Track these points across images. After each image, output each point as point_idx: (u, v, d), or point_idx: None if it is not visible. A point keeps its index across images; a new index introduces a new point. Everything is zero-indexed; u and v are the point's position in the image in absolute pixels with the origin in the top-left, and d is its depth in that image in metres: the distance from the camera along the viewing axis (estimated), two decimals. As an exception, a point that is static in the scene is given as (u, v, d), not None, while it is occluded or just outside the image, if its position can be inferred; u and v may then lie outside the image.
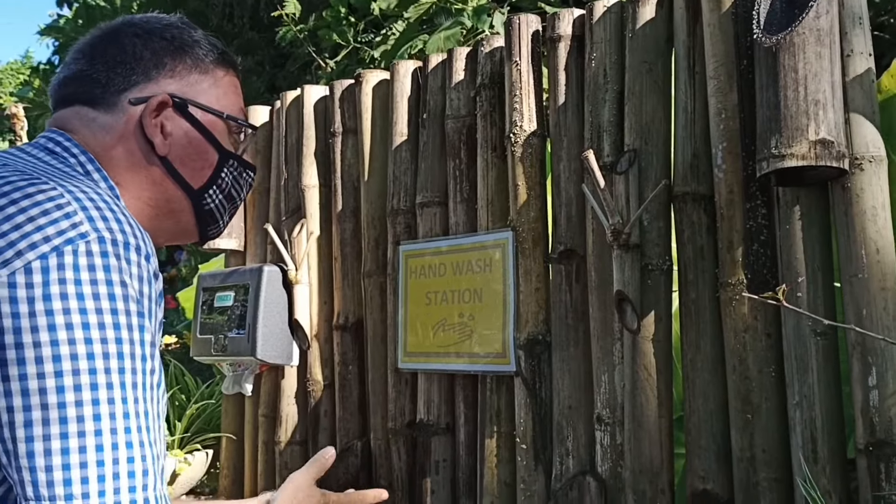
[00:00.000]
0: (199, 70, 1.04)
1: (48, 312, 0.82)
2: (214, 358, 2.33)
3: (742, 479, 1.42)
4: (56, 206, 0.86)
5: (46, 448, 0.80)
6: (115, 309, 0.85)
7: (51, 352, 0.82)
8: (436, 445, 1.95)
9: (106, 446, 0.82)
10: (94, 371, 0.83)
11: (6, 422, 0.81)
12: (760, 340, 1.43)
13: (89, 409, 0.82)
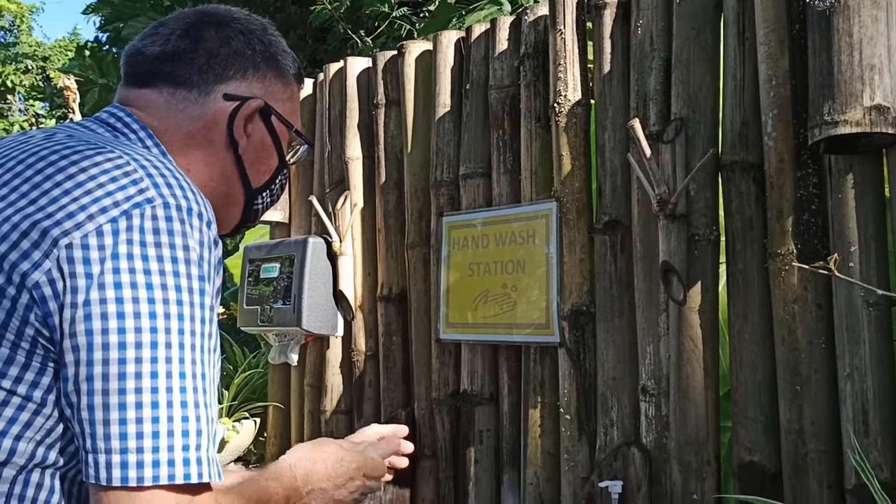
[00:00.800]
0: (282, 81, 1.09)
1: (115, 271, 0.85)
2: (261, 328, 2.37)
3: (790, 451, 1.41)
4: (124, 173, 0.89)
5: (105, 402, 0.83)
6: (177, 272, 0.88)
7: (115, 309, 0.85)
8: (479, 415, 1.96)
9: (162, 404, 0.85)
10: (156, 330, 0.86)
11: (71, 375, 0.84)
12: (810, 311, 1.40)
13: (148, 367, 0.85)
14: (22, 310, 0.87)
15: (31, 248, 0.88)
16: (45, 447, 0.91)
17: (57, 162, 0.94)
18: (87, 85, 6.22)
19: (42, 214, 0.89)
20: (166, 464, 0.83)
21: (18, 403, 0.90)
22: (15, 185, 0.93)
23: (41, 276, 0.87)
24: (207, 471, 0.86)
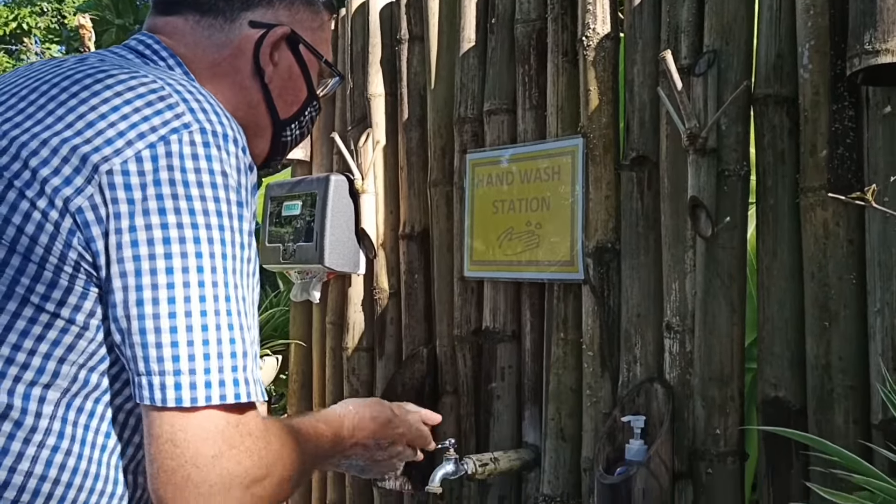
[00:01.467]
0: (310, 9, 1.08)
1: (158, 197, 0.86)
2: (283, 266, 2.37)
3: (816, 387, 1.41)
4: (159, 98, 0.90)
5: (157, 326, 0.85)
6: (217, 197, 0.89)
7: (161, 235, 0.86)
8: (501, 352, 1.97)
9: (210, 327, 0.87)
10: (201, 255, 0.88)
11: (120, 301, 0.86)
12: (842, 247, 1.39)
13: (196, 291, 0.86)
14: (65, 234, 0.89)
15: (73, 174, 0.89)
16: (88, 370, 0.93)
17: (91, 85, 0.94)
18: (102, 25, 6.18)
19: (80, 139, 0.90)
20: (217, 385, 0.86)
21: (62, 326, 0.92)
22: (50, 109, 0.94)
23: (84, 201, 0.88)
24: (254, 390, 0.89)
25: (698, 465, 1.56)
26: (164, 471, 0.85)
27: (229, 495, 0.86)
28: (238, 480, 0.87)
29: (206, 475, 0.85)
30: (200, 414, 0.85)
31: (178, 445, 0.85)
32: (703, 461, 1.55)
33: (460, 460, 1.79)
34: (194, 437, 0.85)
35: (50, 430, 0.91)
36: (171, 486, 0.85)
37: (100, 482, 0.95)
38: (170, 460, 0.85)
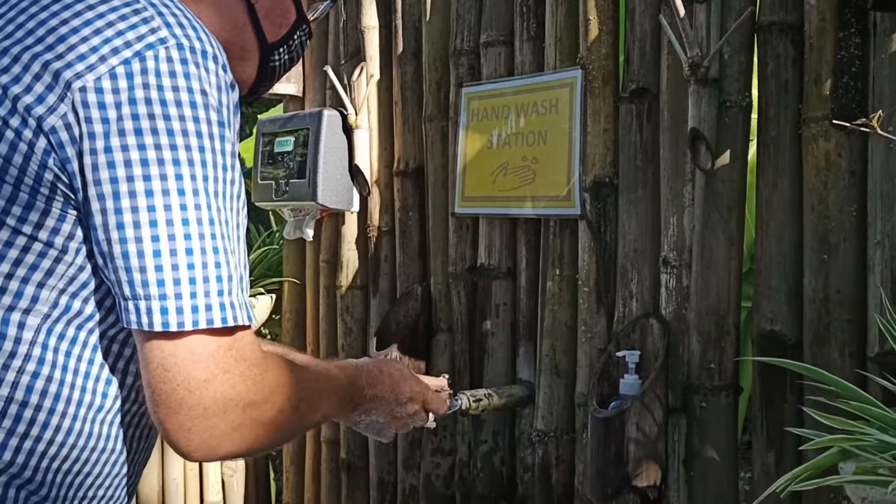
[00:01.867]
0: None
1: (134, 117, 0.83)
2: (275, 203, 2.34)
3: (812, 320, 1.40)
4: (134, 11, 0.86)
5: (139, 249, 0.83)
6: (196, 117, 0.87)
7: (139, 156, 0.84)
8: (496, 289, 1.95)
9: (195, 250, 0.85)
10: (181, 177, 0.86)
11: (100, 224, 0.84)
12: (843, 178, 1.36)
13: (178, 215, 0.84)
14: (40, 154, 0.86)
15: (45, 91, 0.86)
16: (69, 296, 0.91)
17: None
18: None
19: (51, 54, 0.87)
20: (204, 309, 0.84)
21: (39, 250, 0.89)
22: (20, 22, 0.90)
23: (57, 120, 0.86)
24: (241, 314, 0.87)
25: (692, 398, 1.56)
26: (159, 395, 0.85)
27: (226, 418, 0.86)
28: (233, 403, 0.86)
29: (199, 398, 0.84)
30: (189, 338, 0.84)
31: (169, 370, 0.84)
32: (697, 395, 1.55)
33: (454, 396, 1.78)
34: (184, 361, 0.84)
35: (30, 356, 0.90)
36: (166, 408, 0.85)
37: (83, 409, 0.93)
38: (162, 384, 0.84)
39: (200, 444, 0.86)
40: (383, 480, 2.24)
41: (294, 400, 0.94)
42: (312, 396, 1.00)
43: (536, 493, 1.85)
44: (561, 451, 1.81)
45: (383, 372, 1.18)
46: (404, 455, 2.18)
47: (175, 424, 0.84)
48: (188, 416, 0.84)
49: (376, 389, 1.15)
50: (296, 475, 2.53)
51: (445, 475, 2.09)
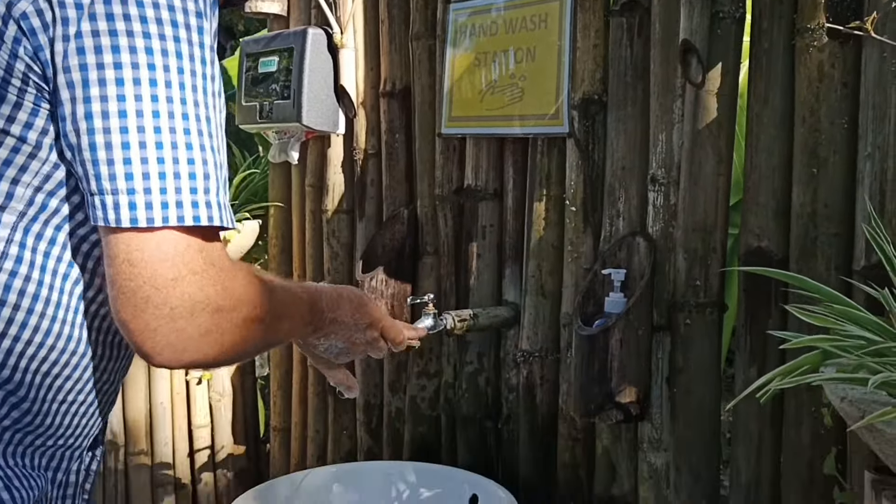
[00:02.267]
0: None
1: (106, 1, 0.80)
2: (260, 125, 2.30)
3: (799, 236, 1.38)
4: None
5: (108, 141, 0.80)
6: (172, 6, 0.83)
7: (110, 42, 0.80)
8: (483, 210, 1.93)
9: (166, 144, 0.81)
10: (154, 67, 0.82)
11: (69, 113, 0.81)
12: (836, 90, 1.34)
13: (149, 106, 0.81)
14: (10, 42, 0.83)
15: None
16: (45, 194, 0.88)
17: None
18: None
19: None
20: (174, 205, 0.81)
21: (13, 145, 0.87)
22: None
23: (28, 5, 0.82)
24: (218, 215, 0.84)
25: (677, 316, 1.55)
26: (124, 292, 0.82)
27: (193, 321, 0.83)
28: (201, 307, 0.83)
29: (166, 297, 0.82)
30: (158, 234, 0.81)
31: (136, 265, 0.81)
32: (681, 312, 1.55)
33: (439, 315, 1.78)
34: (151, 257, 0.81)
35: (7, 254, 0.88)
36: (131, 307, 0.82)
37: (61, 310, 0.92)
38: (128, 281, 0.82)
39: (166, 347, 0.83)
40: (370, 403, 2.25)
41: (261, 311, 0.92)
42: (278, 311, 0.98)
43: (521, 412, 1.86)
44: (545, 371, 1.82)
45: (343, 297, 1.16)
46: (390, 378, 2.19)
47: (140, 324, 0.82)
48: (154, 316, 0.82)
49: (336, 313, 1.13)
50: (283, 399, 2.54)
51: (431, 397, 2.10)
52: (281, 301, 1.00)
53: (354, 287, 1.26)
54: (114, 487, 2.46)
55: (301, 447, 2.47)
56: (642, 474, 1.63)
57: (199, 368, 0.93)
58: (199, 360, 0.87)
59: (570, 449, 1.76)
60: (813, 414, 1.38)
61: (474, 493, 1.84)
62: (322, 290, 1.13)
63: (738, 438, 1.49)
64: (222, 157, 0.89)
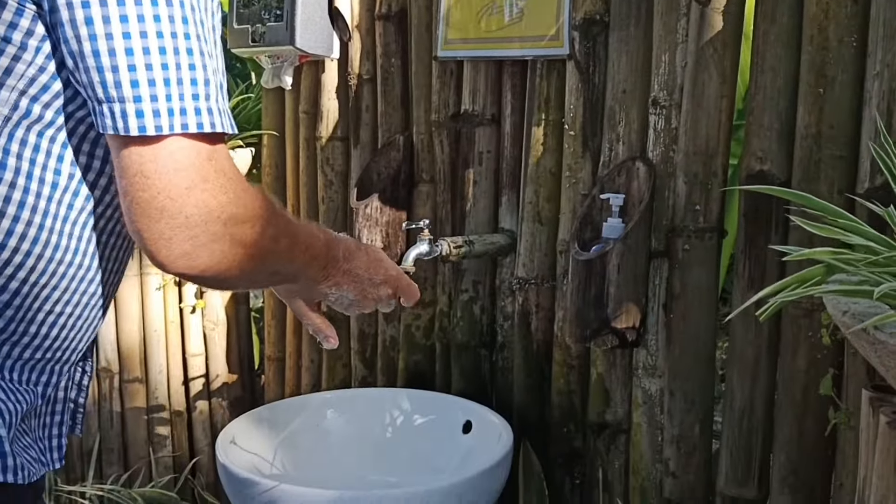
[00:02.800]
0: None
1: None
2: (252, 49, 2.24)
3: (803, 158, 1.36)
4: None
5: (111, 47, 0.80)
6: None
7: None
8: (480, 136, 1.90)
9: (168, 50, 0.81)
10: None
11: (67, 19, 0.80)
12: (845, 7, 1.29)
13: (150, 9, 0.81)
14: None
15: None
16: (30, 99, 0.86)
17: None
18: None
19: None
20: (179, 112, 0.82)
21: None
22: None
23: None
24: (220, 120, 0.84)
25: (675, 241, 1.54)
26: (138, 203, 0.82)
27: (207, 228, 0.84)
28: (215, 214, 0.84)
29: (181, 206, 0.82)
30: (169, 144, 0.82)
31: (149, 177, 0.82)
32: (680, 238, 1.53)
33: (434, 242, 1.76)
34: (164, 167, 0.82)
35: None
36: (146, 218, 0.83)
37: (49, 219, 0.90)
38: (142, 192, 0.82)
39: (181, 255, 0.84)
40: (364, 332, 2.24)
41: (274, 230, 0.92)
42: (292, 236, 0.98)
43: (516, 340, 1.86)
44: (541, 299, 1.80)
45: (361, 249, 1.15)
46: (385, 307, 2.18)
47: (155, 234, 0.83)
48: (169, 226, 0.82)
49: (351, 264, 1.12)
50: (277, 329, 2.53)
51: (426, 326, 2.09)
52: (296, 230, 0.99)
53: (375, 246, 1.25)
54: (108, 414, 2.47)
55: (296, 376, 2.47)
56: (636, 400, 1.63)
57: (211, 282, 0.93)
58: (213, 270, 0.87)
59: (564, 376, 1.76)
60: (810, 339, 1.37)
61: (468, 419, 1.85)
62: (340, 239, 1.13)
63: (733, 365, 1.48)
64: (220, 63, 0.89)
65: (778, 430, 1.43)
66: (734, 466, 1.50)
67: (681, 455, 1.56)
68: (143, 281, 2.44)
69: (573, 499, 1.78)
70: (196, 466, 2.55)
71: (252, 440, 1.78)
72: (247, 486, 1.51)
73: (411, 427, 1.92)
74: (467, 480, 1.54)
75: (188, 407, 2.55)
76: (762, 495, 1.50)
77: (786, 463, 1.42)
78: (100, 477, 2.47)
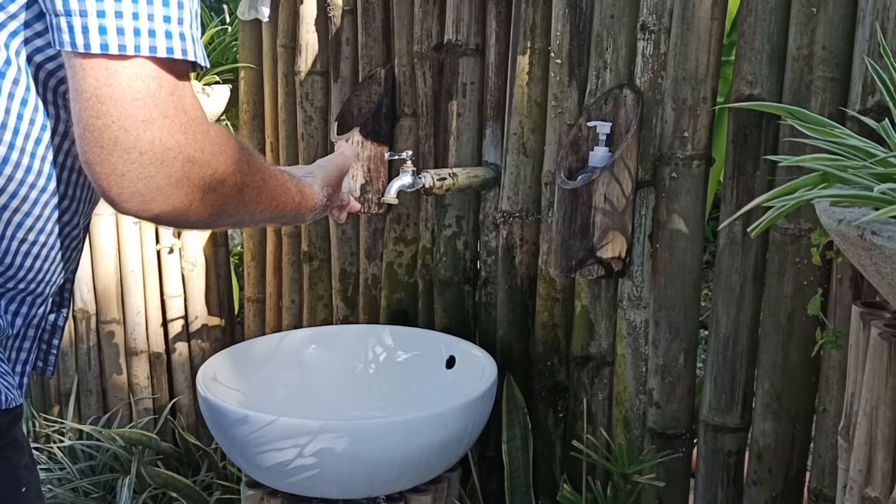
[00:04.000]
0: None
1: None
2: (228, -21, 2.18)
3: (794, 80, 1.34)
4: None
5: None
6: None
7: None
8: (464, 67, 1.86)
9: None
10: None
11: None
12: (841, -77, 1.26)
13: None
14: None
15: None
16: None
17: None
18: None
19: None
20: (147, 33, 0.76)
21: None
22: None
23: None
24: (192, 48, 0.79)
25: (663, 170, 1.52)
26: (90, 131, 0.77)
27: (163, 168, 0.79)
28: (172, 154, 0.79)
29: (136, 140, 0.77)
30: (129, 68, 0.77)
31: (104, 102, 0.77)
32: (668, 166, 1.51)
33: (417, 174, 1.73)
34: (122, 95, 0.76)
35: None
36: (98, 148, 0.78)
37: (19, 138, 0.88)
38: (95, 119, 0.77)
39: (134, 194, 0.79)
40: (346, 271, 2.22)
41: (238, 177, 0.87)
42: (258, 188, 0.93)
43: (499, 275, 1.84)
44: (525, 233, 1.78)
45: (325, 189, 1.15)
46: (366, 245, 2.15)
47: (107, 168, 0.78)
48: (122, 160, 0.77)
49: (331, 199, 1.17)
50: (256, 270, 2.50)
51: (408, 263, 2.07)
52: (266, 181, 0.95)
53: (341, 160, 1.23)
54: (86, 356, 2.44)
55: (276, 317, 2.45)
56: (621, 332, 1.62)
57: (167, 223, 0.89)
58: (168, 213, 0.83)
59: (548, 309, 1.75)
60: (797, 265, 1.36)
61: (451, 355, 1.84)
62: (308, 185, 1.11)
63: (719, 292, 1.48)
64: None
65: (762, 357, 1.43)
66: (717, 394, 1.50)
67: (665, 385, 1.57)
68: (119, 220, 2.39)
69: (556, 431, 1.79)
70: (176, 407, 2.53)
71: (233, 376, 1.76)
72: (230, 418, 1.50)
73: (394, 363, 1.91)
74: (452, 410, 1.53)
75: (167, 348, 2.53)
76: (745, 423, 1.51)
77: (769, 389, 1.42)
78: (78, 419, 2.45)
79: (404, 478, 1.53)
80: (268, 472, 1.50)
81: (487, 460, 1.88)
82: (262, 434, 1.45)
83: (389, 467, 1.48)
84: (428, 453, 1.50)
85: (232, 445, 1.52)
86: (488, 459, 1.88)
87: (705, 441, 1.53)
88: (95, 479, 2.24)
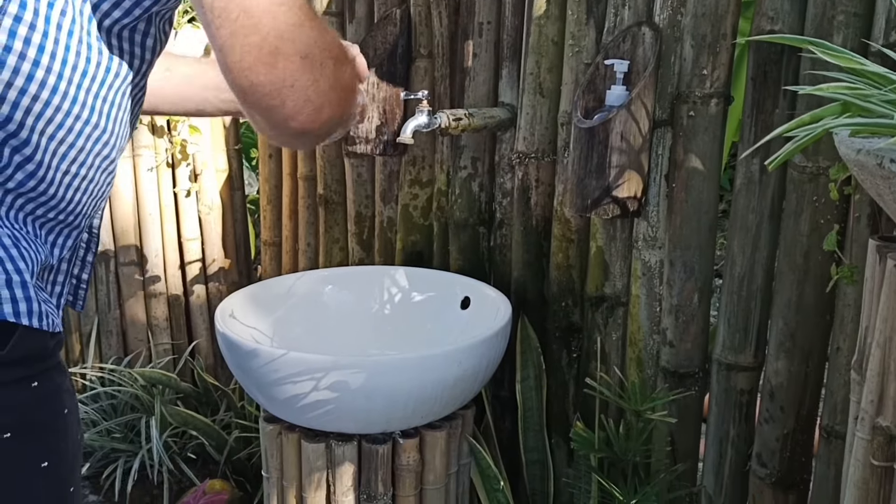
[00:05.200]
0: None
1: None
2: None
3: (816, 15, 1.31)
4: None
5: None
6: None
7: None
8: (480, 6, 1.84)
9: None
10: None
11: None
12: None
13: None
14: None
15: None
16: None
17: None
18: None
19: None
20: None
21: None
22: None
23: None
24: None
25: (680, 108, 1.50)
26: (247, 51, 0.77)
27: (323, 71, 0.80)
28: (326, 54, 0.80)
29: (295, 47, 0.78)
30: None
31: (254, 16, 0.77)
32: (686, 104, 1.49)
33: (433, 114, 1.72)
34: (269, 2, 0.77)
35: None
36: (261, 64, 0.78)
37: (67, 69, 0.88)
38: (249, 36, 0.77)
39: (306, 103, 0.79)
40: (361, 214, 2.23)
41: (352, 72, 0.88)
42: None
43: (514, 216, 1.84)
44: (541, 174, 1.78)
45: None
46: (382, 188, 2.16)
47: (277, 83, 0.77)
48: (287, 70, 0.77)
49: None
50: (272, 213, 2.52)
51: (423, 206, 2.07)
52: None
53: None
54: (106, 297, 2.47)
55: (292, 260, 2.47)
56: (635, 272, 1.63)
57: (324, 137, 0.90)
58: (335, 119, 0.84)
59: (563, 250, 1.76)
60: (814, 203, 1.36)
61: (466, 295, 1.85)
62: None
63: (735, 232, 1.48)
64: None
65: (777, 296, 1.43)
66: (731, 334, 1.51)
67: (679, 324, 1.57)
68: (136, 163, 2.40)
69: (570, 371, 1.81)
70: (195, 349, 2.57)
71: (250, 314, 1.78)
72: (248, 354, 1.52)
73: (410, 303, 1.92)
74: (466, 347, 1.55)
75: (185, 291, 2.56)
76: (758, 362, 1.52)
77: (783, 328, 1.43)
78: (99, 360, 2.49)
79: (419, 413, 1.55)
80: (283, 405, 1.53)
81: (501, 400, 1.91)
82: (275, 368, 1.47)
83: (405, 403, 1.50)
84: (442, 389, 1.52)
85: (248, 379, 1.55)
86: (502, 399, 1.91)
87: (718, 380, 1.54)
88: (119, 419, 2.29)
